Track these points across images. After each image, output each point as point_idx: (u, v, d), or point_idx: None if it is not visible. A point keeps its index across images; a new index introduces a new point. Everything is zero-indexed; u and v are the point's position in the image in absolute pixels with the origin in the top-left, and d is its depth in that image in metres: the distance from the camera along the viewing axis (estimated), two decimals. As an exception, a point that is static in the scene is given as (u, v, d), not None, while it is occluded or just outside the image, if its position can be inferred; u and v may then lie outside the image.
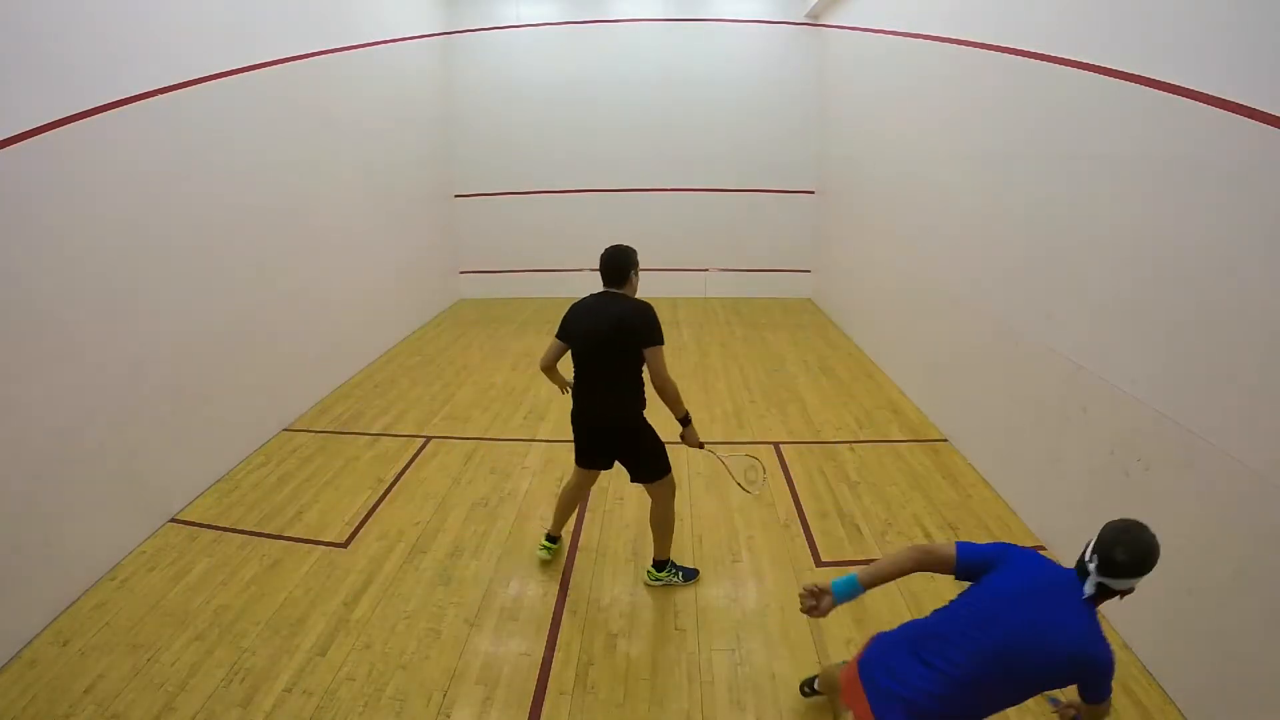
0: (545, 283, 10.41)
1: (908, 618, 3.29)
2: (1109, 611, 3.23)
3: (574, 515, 3.79)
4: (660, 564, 3.57)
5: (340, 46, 6.67)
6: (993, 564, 1.97)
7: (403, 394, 6.42)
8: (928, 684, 1.87)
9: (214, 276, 4.76)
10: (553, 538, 3.78)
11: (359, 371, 7.09)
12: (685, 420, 3.29)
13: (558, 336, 3.32)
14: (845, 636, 3.18)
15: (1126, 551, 1.80)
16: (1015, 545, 2.02)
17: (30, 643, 3.23)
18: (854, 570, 2.14)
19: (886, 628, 3.19)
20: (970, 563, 1.99)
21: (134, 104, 4.02)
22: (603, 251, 3.29)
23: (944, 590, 3.47)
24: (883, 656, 2.01)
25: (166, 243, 4.30)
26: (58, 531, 3.44)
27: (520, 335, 8.46)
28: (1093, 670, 1.85)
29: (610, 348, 3.13)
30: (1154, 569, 1.82)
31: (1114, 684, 2.84)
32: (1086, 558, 1.87)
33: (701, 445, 3.42)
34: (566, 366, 3.41)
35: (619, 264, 3.25)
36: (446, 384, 6.66)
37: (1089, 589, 1.84)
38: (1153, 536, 1.83)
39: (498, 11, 9.76)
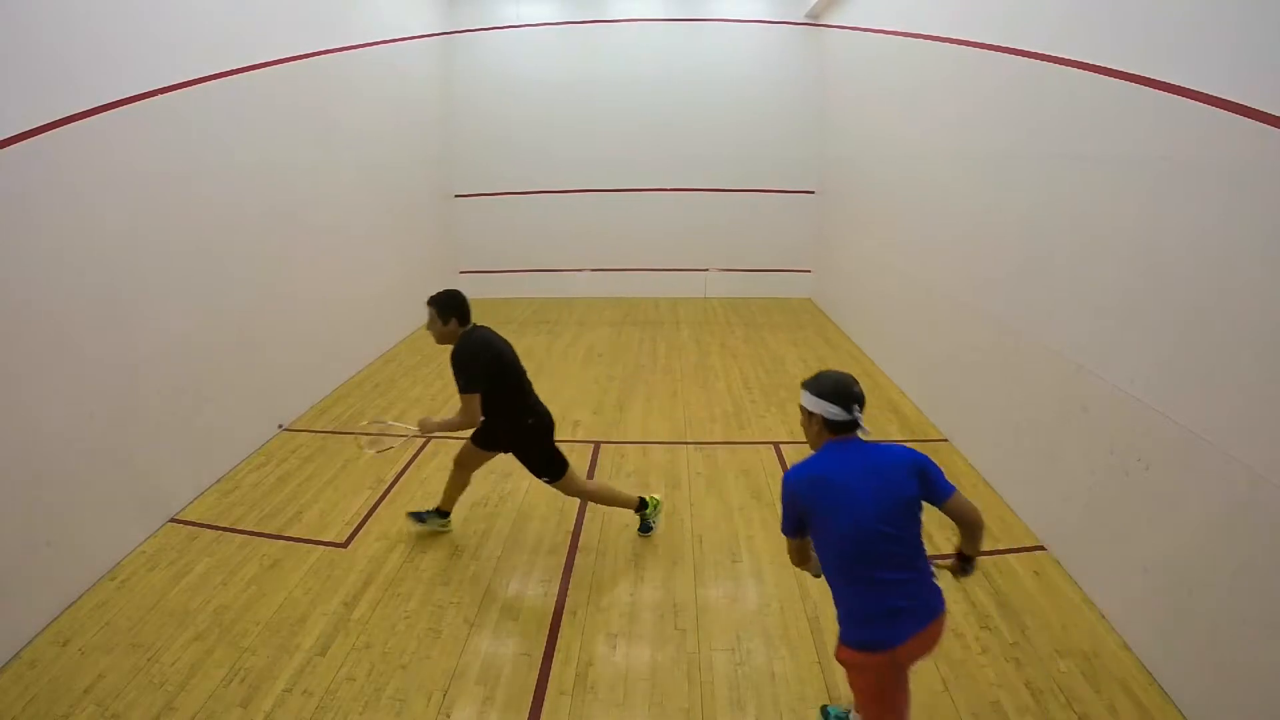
0: (545, 283, 10.41)
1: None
2: (1108, 609, 3.24)
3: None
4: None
5: (340, 46, 6.67)
6: (811, 506, 2.08)
7: (403, 394, 6.43)
8: (912, 572, 2.09)
9: (214, 276, 4.76)
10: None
11: (359, 371, 7.10)
12: None
13: (507, 374, 3.57)
14: (845, 636, 3.18)
15: (855, 382, 2.14)
16: (788, 483, 2.15)
17: (30, 643, 3.22)
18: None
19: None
20: (799, 525, 2.14)
21: (134, 104, 4.02)
22: (459, 294, 3.60)
23: (943, 590, 3.48)
24: (883, 611, 2.06)
25: (166, 243, 4.30)
26: (58, 531, 3.44)
27: (520, 335, 8.46)
28: (924, 463, 2.13)
29: None
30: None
31: (1114, 683, 2.87)
32: (848, 415, 2.09)
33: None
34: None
35: None
36: (447, 384, 6.65)
37: (864, 427, 2.10)
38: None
39: (498, 11, 9.76)
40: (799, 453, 5.10)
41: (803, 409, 2.21)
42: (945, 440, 5.23)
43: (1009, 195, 4.37)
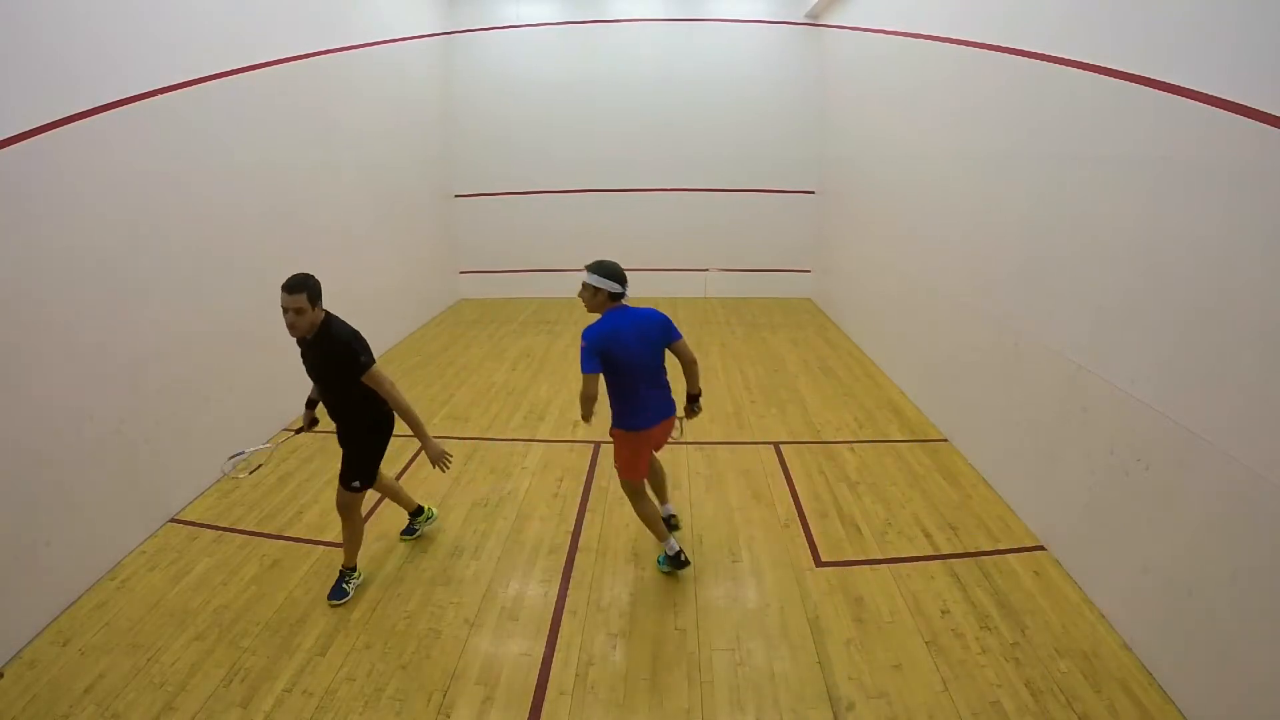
0: (545, 283, 10.41)
1: (907, 616, 3.30)
2: (1108, 609, 3.24)
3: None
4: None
5: (340, 46, 6.67)
6: (605, 351, 3.29)
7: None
8: (659, 387, 3.49)
9: (214, 276, 4.76)
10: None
11: (359, 371, 7.09)
12: None
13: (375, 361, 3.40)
14: (845, 637, 3.18)
15: (620, 267, 3.37)
16: (592, 337, 3.31)
17: (30, 643, 3.23)
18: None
19: (887, 626, 3.23)
20: (599, 365, 3.29)
21: (134, 104, 4.02)
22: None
23: (943, 590, 3.48)
24: (642, 408, 3.44)
25: (166, 243, 4.30)
26: (58, 531, 3.44)
27: (520, 335, 8.46)
28: (667, 321, 3.41)
29: None
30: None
31: (1114, 683, 2.87)
32: (622, 289, 3.34)
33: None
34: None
35: None
36: (446, 384, 6.66)
37: (629, 296, 3.38)
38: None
39: (498, 11, 9.76)
40: (799, 453, 5.12)
41: (588, 285, 3.35)
42: (945, 440, 5.23)
43: (1009, 195, 4.37)
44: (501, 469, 4.90)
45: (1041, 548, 3.82)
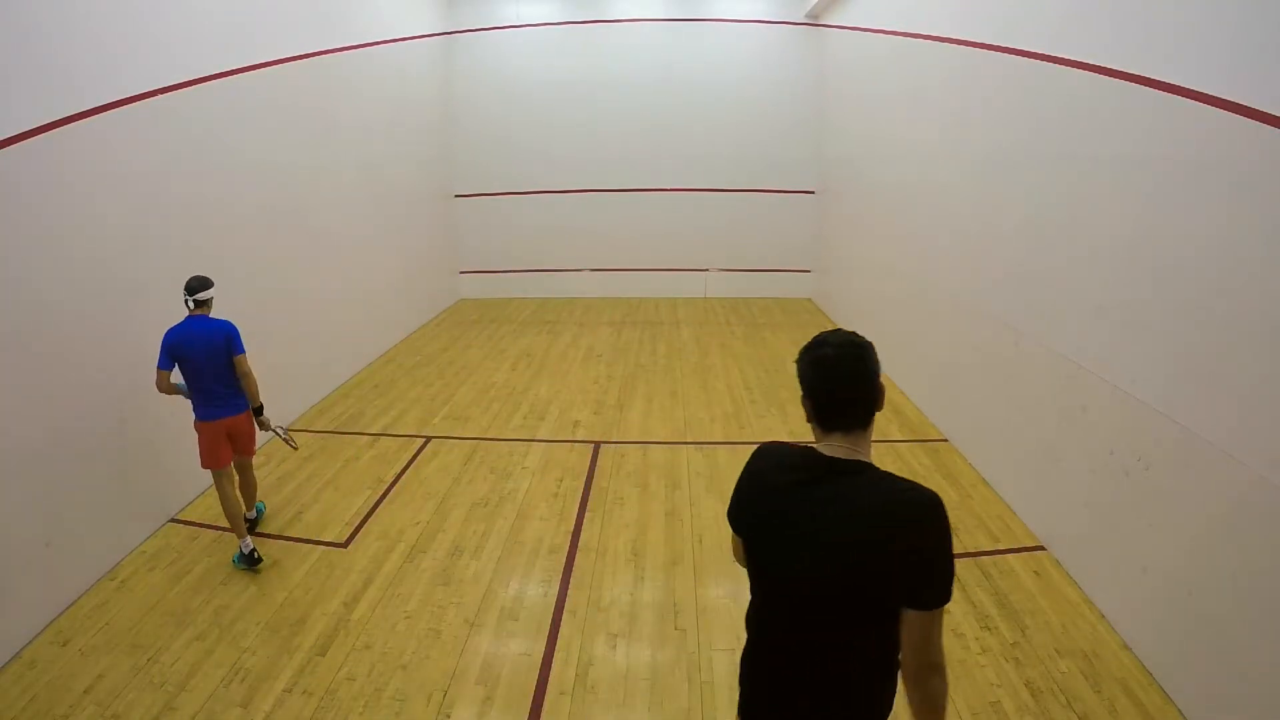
0: (546, 283, 10.41)
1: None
2: (1108, 609, 3.24)
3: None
4: None
5: (340, 46, 6.67)
6: (174, 350, 3.63)
7: (402, 394, 6.43)
8: (227, 386, 3.77)
9: (214, 276, 4.72)
10: None
11: (359, 371, 7.10)
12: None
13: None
14: (845, 636, 3.18)
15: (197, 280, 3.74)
16: (164, 338, 3.63)
17: (30, 643, 3.22)
18: None
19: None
20: (167, 364, 3.62)
21: (133, 104, 4.02)
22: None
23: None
24: (206, 403, 3.74)
25: (166, 242, 4.30)
26: (58, 531, 3.44)
27: (520, 335, 8.46)
28: (229, 331, 3.73)
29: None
30: None
31: (1114, 683, 2.87)
32: (199, 300, 3.73)
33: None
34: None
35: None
36: (446, 384, 6.66)
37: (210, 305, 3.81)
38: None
39: (498, 11, 9.77)
40: (799, 453, 5.10)
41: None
42: (945, 440, 5.23)
43: (1009, 195, 4.37)
44: (502, 469, 4.90)
45: (1041, 548, 3.81)
